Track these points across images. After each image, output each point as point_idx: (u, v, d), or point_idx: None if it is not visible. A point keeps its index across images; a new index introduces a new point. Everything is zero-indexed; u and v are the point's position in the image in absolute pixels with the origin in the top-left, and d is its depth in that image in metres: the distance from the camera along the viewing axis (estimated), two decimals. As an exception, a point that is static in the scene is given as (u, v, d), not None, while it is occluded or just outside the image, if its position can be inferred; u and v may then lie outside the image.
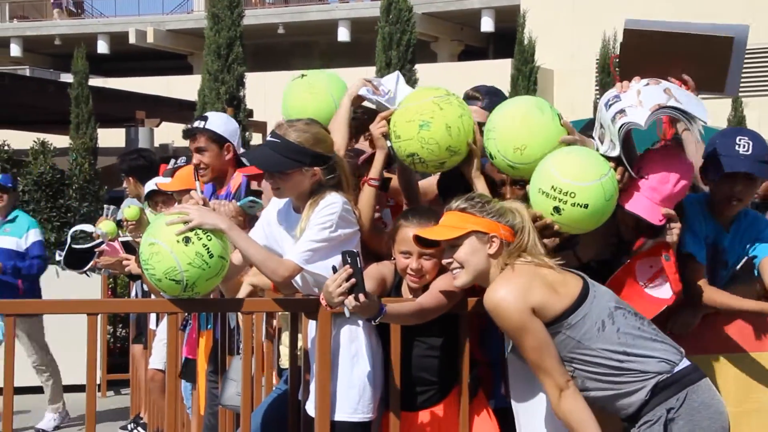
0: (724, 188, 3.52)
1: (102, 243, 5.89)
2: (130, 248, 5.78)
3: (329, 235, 3.34)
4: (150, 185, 5.83)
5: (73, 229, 6.57)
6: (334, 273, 3.03)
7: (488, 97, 3.79)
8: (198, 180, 4.67)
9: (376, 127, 3.57)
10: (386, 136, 3.54)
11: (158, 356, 6.07)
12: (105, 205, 6.72)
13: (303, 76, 3.93)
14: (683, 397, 3.01)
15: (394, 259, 3.50)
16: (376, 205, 3.63)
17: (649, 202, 3.26)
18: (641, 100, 3.22)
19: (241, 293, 4.00)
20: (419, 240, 3.24)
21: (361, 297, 3.00)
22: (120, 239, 5.83)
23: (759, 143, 3.52)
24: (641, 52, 3.44)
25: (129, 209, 5.54)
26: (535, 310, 3.00)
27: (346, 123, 3.65)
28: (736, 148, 3.47)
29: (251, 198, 4.22)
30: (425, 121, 3.40)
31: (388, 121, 3.54)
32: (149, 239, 3.30)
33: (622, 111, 3.20)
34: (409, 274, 3.41)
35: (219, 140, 4.69)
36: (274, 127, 3.53)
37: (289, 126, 3.44)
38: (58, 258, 6.53)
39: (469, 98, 3.76)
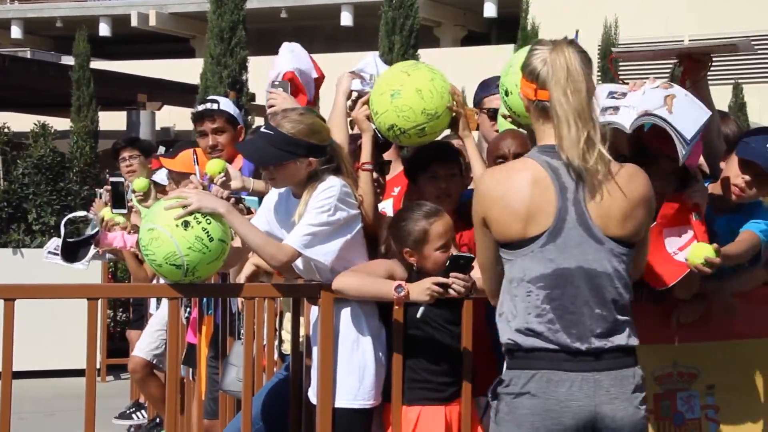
0: (737, 175, 3.50)
1: (97, 233, 5.86)
2: None
3: (327, 219, 3.31)
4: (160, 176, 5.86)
5: (64, 220, 6.54)
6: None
7: None
8: (197, 164, 4.65)
9: (358, 112, 3.60)
10: (369, 118, 3.54)
11: (146, 344, 6.06)
12: (98, 190, 6.70)
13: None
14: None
15: (416, 267, 3.44)
16: (375, 189, 3.62)
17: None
18: (643, 100, 3.18)
19: (244, 272, 3.97)
20: None
21: None
22: (111, 179, 5.80)
23: None
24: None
25: (138, 180, 5.54)
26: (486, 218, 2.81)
27: (345, 119, 3.66)
28: (766, 143, 3.47)
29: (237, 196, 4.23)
30: (395, 90, 3.41)
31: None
32: (148, 225, 3.28)
33: (616, 108, 3.16)
34: None
35: (234, 122, 4.74)
36: (268, 118, 3.52)
37: (283, 117, 3.41)
38: (48, 251, 6.47)
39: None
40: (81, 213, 6.62)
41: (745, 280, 3.59)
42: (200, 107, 4.83)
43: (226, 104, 4.82)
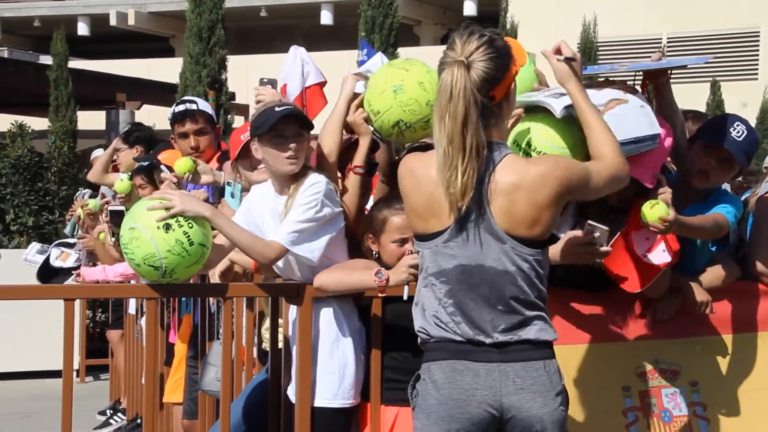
0: (700, 159, 3.54)
1: (79, 266, 5.88)
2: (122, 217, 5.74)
3: (314, 215, 3.31)
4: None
5: (54, 244, 6.54)
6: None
7: None
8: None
9: (356, 115, 3.54)
10: (367, 121, 3.51)
11: None
12: (81, 188, 6.66)
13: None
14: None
15: (376, 254, 3.47)
16: (362, 192, 3.61)
17: (639, 164, 3.22)
18: (593, 95, 3.19)
19: (219, 268, 3.95)
20: None
21: None
22: (110, 208, 5.76)
23: (752, 137, 3.56)
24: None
25: (120, 182, 5.51)
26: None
27: (341, 126, 3.60)
28: (731, 129, 3.50)
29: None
30: (397, 86, 3.39)
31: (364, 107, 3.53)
32: (129, 224, 3.25)
33: (560, 95, 3.14)
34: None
35: (213, 123, 4.71)
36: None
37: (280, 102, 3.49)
38: (28, 257, 6.44)
39: None
40: (71, 240, 6.58)
41: (719, 275, 3.60)
42: (179, 108, 4.77)
43: (203, 104, 4.78)
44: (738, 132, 3.50)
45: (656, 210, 3.18)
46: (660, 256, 3.28)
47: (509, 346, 2.72)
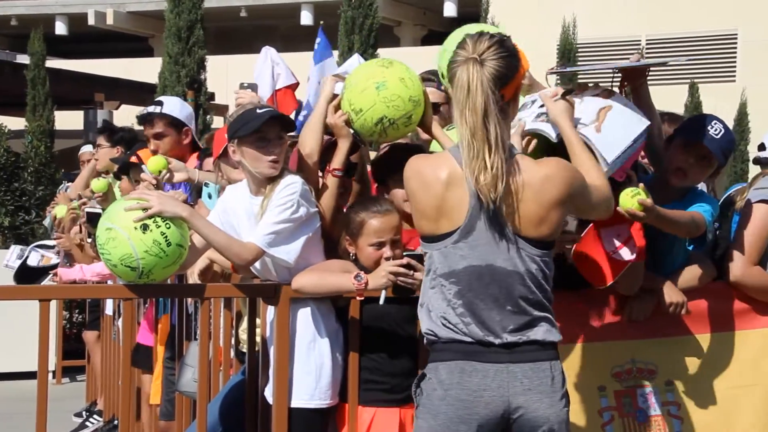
0: (678, 157, 3.55)
1: (57, 265, 5.83)
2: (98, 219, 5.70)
3: (290, 216, 3.30)
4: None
5: (32, 246, 6.49)
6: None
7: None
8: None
9: (336, 117, 3.52)
10: (347, 123, 3.50)
11: None
12: (64, 182, 6.62)
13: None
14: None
15: (353, 256, 3.46)
16: (340, 194, 3.61)
17: None
18: (578, 111, 3.22)
19: (198, 266, 3.93)
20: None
21: None
22: (86, 209, 5.72)
23: (729, 136, 3.59)
24: None
25: (97, 181, 5.46)
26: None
27: (321, 128, 3.58)
28: (708, 127, 3.53)
29: None
30: (380, 82, 3.40)
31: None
32: (107, 224, 3.23)
33: (546, 115, 3.19)
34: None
35: (177, 125, 4.64)
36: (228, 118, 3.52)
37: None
38: (9, 262, 6.40)
39: (424, 80, 3.77)
40: (50, 242, 6.53)
41: (696, 275, 3.61)
42: (143, 112, 4.75)
43: (170, 106, 4.70)
44: (716, 130, 3.52)
45: (635, 197, 3.20)
46: (628, 252, 3.30)
47: (518, 347, 2.75)
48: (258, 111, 3.36)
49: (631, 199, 3.20)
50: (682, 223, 3.43)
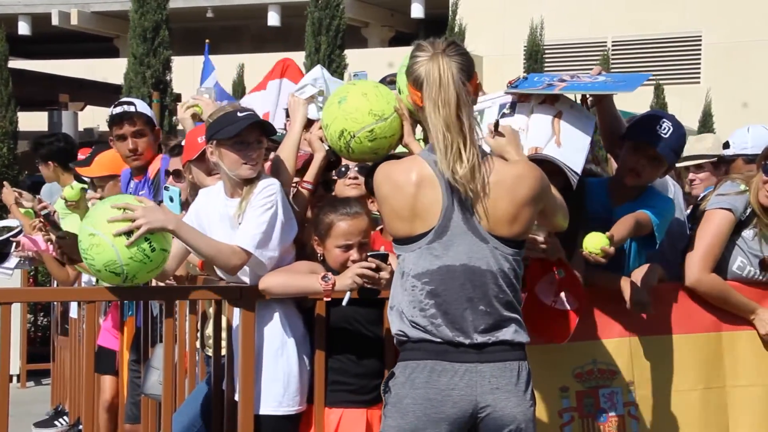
0: (630, 158, 3.59)
1: (19, 233, 5.71)
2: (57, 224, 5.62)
3: (271, 216, 3.32)
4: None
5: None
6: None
7: None
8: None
9: (311, 134, 3.60)
10: (322, 139, 3.53)
11: None
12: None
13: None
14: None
15: (321, 257, 3.45)
16: (311, 206, 3.65)
17: None
18: (529, 124, 3.22)
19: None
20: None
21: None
22: (43, 212, 5.64)
23: (679, 133, 3.61)
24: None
25: (69, 189, 5.37)
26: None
27: (296, 150, 3.63)
28: (657, 127, 3.56)
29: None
30: (342, 97, 3.41)
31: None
32: (90, 229, 3.19)
33: (510, 107, 3.20)
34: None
35: (152, 124, 4.64)
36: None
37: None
38: None
39: (390, 83, 3.78)
40: (12, 222, 6.39)
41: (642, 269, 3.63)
42: (117, 110, 4.69)
43: (142, 106, 4.70)
44: (664, 129, 3.55)
45: (598, 240, 3.22)
46: (568, 301, 3.33)
47: (487, 347, 2.78)
48: (239, 114, 3.35)
49: (593, 241, 3.21)
50: (631, 232, 3.47)
